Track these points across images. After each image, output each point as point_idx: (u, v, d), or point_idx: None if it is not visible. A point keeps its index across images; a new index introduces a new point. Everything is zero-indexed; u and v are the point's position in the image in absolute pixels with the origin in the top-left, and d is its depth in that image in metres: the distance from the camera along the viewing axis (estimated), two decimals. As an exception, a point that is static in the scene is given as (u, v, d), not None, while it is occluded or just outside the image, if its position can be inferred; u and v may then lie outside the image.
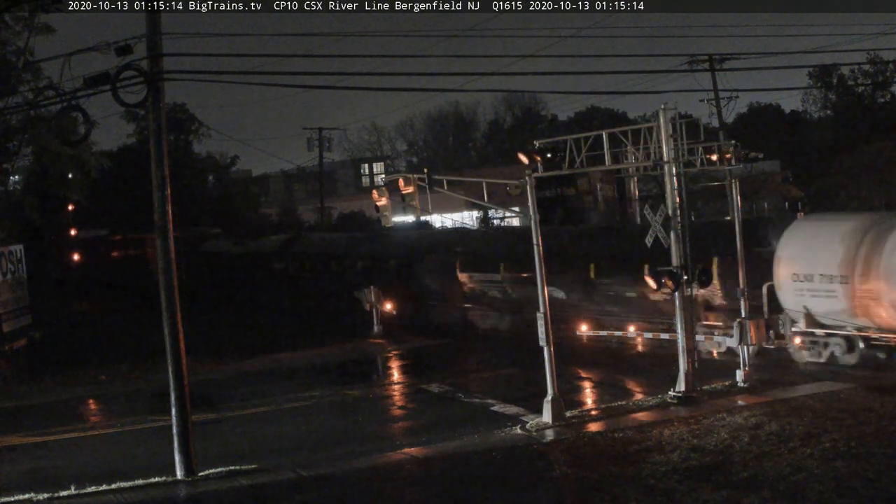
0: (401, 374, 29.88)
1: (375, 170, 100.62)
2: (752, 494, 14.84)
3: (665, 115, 22.07)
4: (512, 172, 33.82)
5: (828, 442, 17.33)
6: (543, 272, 21.47)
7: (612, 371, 26.51)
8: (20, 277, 33.60)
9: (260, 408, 24.56)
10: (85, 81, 17.18)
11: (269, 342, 36.26)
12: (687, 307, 22.16)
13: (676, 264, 21.86)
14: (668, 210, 22.12)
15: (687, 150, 23.28)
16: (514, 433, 20.04)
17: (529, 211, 21.72)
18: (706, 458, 17.03)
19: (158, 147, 17.99)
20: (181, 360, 18.08)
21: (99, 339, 40.63)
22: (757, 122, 77.18)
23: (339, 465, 18.35)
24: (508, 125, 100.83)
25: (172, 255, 18.15)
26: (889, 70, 68.34)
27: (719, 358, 26.12)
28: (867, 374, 23.40)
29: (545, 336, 20.84)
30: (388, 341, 35.19)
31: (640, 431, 19.26)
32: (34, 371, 31.35)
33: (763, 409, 20.23)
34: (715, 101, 49.70)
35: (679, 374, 21.96)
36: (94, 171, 38.37)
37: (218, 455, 19.07)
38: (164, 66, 17.59)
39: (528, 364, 27.61)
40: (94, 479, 17.64)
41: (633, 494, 15.31)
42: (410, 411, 23.83)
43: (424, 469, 17.91)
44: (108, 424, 23.83)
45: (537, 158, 22.11)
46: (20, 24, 32.81)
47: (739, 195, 24.87)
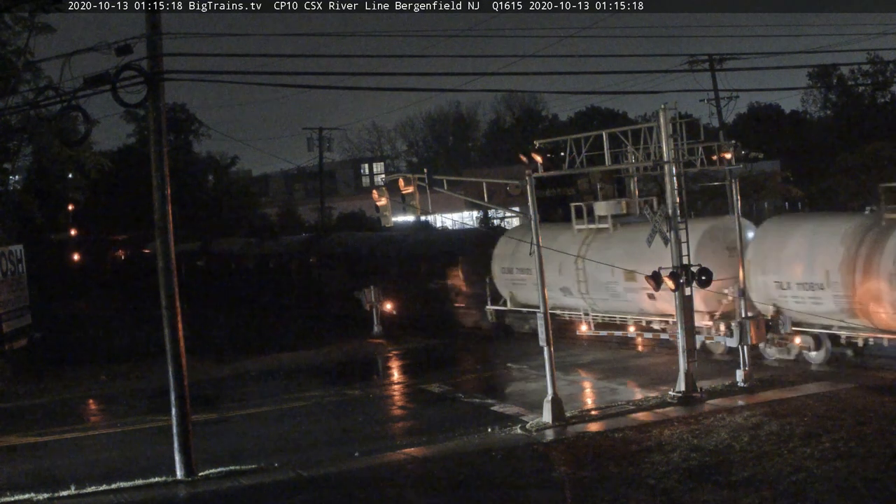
0: (401, 374, 29.88)
1: (375, 170, 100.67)
2: (752, 494, 14.84)
3: (665, 115, 22.08)
4: (512, 172, 33.92)
5: (828, 442, 17.33)
6: (543, 272, 21.49)
7: (613, 371, 26.50)
8: (20, 277, 33.62)
9: (260, 408, 24.56)
10: (85, 81, 17.16)
11: (270, 342, 36.32)
12: (687, 307, 22.15)
13: (676, 264, 21.87)
14: (668, 210, 22.13)
15: (687, 150, 23.30)
16: (514, 433, 20.04)
17: (529, 211, 21.73)
18: (706, 458, 17.03)
19: (158, 147, 17.99)
20: (181, 360, 18.08)
21: (99, 339, 40.67)
22: (757, 122, 77.23)
23: (339, 465, 18.35)
24: (508, 125, 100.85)
25: (172, 255, 18.15)
26: (889, 70, 68.41)
27: (721, 358, 26.16)
28: (867, 374, 23.43)
29: (545, 336, 20.84)
30: (388, 341, 35.21)
31: (640, 431, 19.25)
32: (34, 371, 31.36)
33: (763, 409, 20.23)
34: (715, 101, 49.68)
35: (679, 374, 21.95)
36: (93, 171, 38.38)
37: (218, 455, 19.07)
38: (163, 66, 17.60)
39: (528, 364, 27.69)
40: (94, 479, 17.65)
41: (632, 494, 15.31)
42: (410, 411, 23.83)
43: (424, 469, 17.90)
44: (108, 424, 23.82)
45: (537, 158, 22.11)
46: (20, 24, 32.81)
47: (739, 195, 24.87)
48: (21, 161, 38.40)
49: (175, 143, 68.70)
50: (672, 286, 21.68)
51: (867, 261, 23.12)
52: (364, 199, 65.98)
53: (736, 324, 23.58)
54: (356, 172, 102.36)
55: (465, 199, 39.31)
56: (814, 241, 24.50)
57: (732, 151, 23.99)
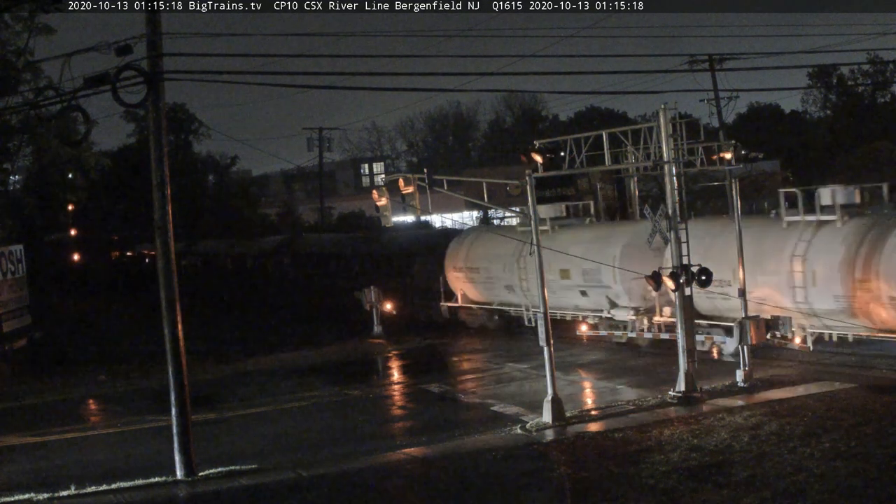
0: (401, 374, 29.88)
1: (375, 170, 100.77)
2: (752, 494, 14.83)
3: (665, 115, 22.06)
4: (512, 172, 34.12)
5: (828, 442, 17.32)
6: (543, 273, 21.48)
7: (612, 371, 26.50)
8: (20, 277, 33.62)
9: (260, 408, 24.56)
10: (85, 81, 17.16)
11: (270, 342, 36.32)
12: (687, 307, 22.14)
13: (676, 264, 21.86)
14: (668, 210, 22.12)
15: (687, 150, 23.27)
16: (514, 433, 20.03)
17: (529, 211, 21.72)
18: (706, 458, 17.02)
19: (158, 147, 17.99)
20: (181, 360, 18.07)
21: (99, 338, 40.68)
22: (757, 122, 77.26)
23: (339, 465, 18.34)
24: (508, 125, 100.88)
25: (172, 255, 18.14)
26: (889, 70, 68.42)
27: (720, 358, 26.15)
28: (868, 373, 23.43)
29: (545, 336, 20.84)
30: (388, 341, 35.21)
31: (640, 431, 19.24)
32: (34, 371, 31.35)
33: (763, 409, 20.22)
34: (715, 101, 49.70)
35: (679, 374, 21.94)
36: (93, 171, 38.44)
37: (218, 455, 19.07)
38: (164, 66, 17.59)
39: (527, 363, 27.70)
40: (94, 479, 17.64)
41: (632, 494, 15.30)
42: (410, 411, 23.83)
43: (424, 469, 17.90)
44: (108, 424, 23.82)
45: (537, 158, 22.10)
46: (20, 24, 32.86)
47: (739, 195, 24.87)
48: (21, 161, 38.41)
49: (175, 142, 68.70)
50: (672, 286, 21.69)
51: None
52: (364, 199, 66.02)
53: (736, 324, 23.57)
54: (356, 172, 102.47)
55: (465, 199, 39.38)
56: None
57: (732, 151, 23.97)
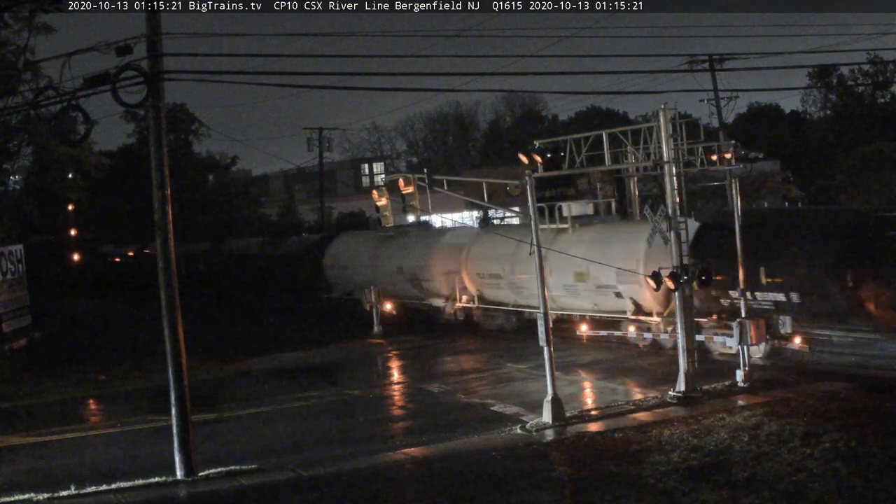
0: (401, 374, 29.87)
1: (375, 170, 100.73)
2: (752, 494, 14.83)
3: (665, 115, 22.05)
4: (512, 172, 34.01)
5: (828, 442, 17.32)
6: (543, 273, 21.48)
7: (612, 371, 26.50)
8: (20, 277, 33.60)
9: (260, 408, 24.55)
10: (85, 81, 17.15)
11: (270, 342, 36.30)
12: (687, 307, 22.14)
13: (676, 264, 21.87)
14: (668, 210, 22.12)
15: (687, 150, 23.28)
16: (514, 433, 20.03)
17: (529, 211, 21.72)
18: (706, 458, 17.02)
19: (158, 147, 17.99)
20: (181, 360, 18.07)
21: (99, 339, 40.67)
22: (757, 122, 77.25)
23: (339, 465, 18.33)
24: (508, 125, 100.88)
25: (172, 255, 18.14)
26: (889, 70, 68.39)
27: (720, 358, 26.15)
28: (868, 373, 23.43)
29: (545, 336, 20.83)
30: (388, 341, 35.21)
31: (640, 431, 19.24)
32: (34, 371, 31.33)
33: (763, 409, 20.21)
34: (715, 101, 49.72)
35: (679, 374, 21.94)
36: (93, 171, 38.40)
37: (218, 455, 19.06)
38: (164, 66, 17.59)
39: (527, 363, 27.69)
40: (94, 479, 17.64)
41: (632, 494, 15.30)
42: (410, 411, 23.82)
43: (424, 469, 17.89)
44: (108, 424, 23.80)
45: (537, 158, 22.10)
46: (20, 23, 32.82)
47: (739, 195, 24.86)
48: (21, 161, 38.39)
49: (175, 142, 68.70)
50: (672, 286, 21.69)
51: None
52: (364, 199, 66.07)
53: (736, 324, 23.57)
54: (356, 172, 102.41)
55: (465, 199, 39.41)
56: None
57: (732, 151, 23.97)
